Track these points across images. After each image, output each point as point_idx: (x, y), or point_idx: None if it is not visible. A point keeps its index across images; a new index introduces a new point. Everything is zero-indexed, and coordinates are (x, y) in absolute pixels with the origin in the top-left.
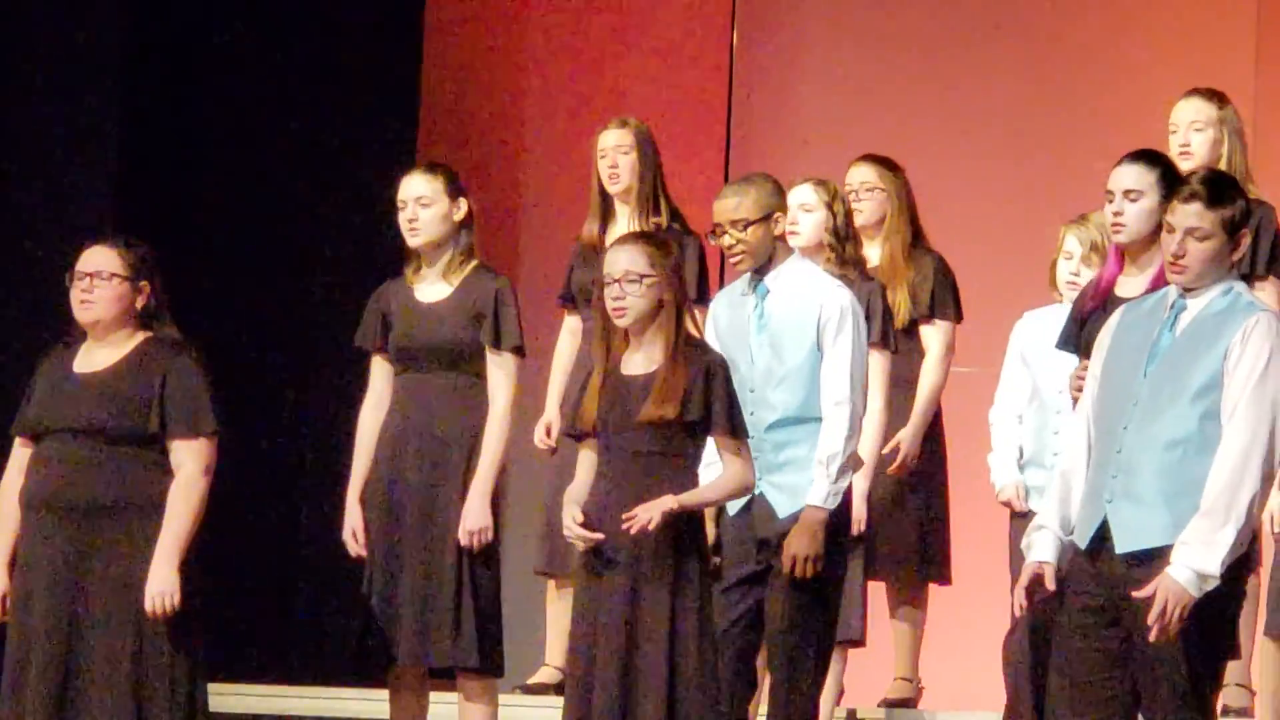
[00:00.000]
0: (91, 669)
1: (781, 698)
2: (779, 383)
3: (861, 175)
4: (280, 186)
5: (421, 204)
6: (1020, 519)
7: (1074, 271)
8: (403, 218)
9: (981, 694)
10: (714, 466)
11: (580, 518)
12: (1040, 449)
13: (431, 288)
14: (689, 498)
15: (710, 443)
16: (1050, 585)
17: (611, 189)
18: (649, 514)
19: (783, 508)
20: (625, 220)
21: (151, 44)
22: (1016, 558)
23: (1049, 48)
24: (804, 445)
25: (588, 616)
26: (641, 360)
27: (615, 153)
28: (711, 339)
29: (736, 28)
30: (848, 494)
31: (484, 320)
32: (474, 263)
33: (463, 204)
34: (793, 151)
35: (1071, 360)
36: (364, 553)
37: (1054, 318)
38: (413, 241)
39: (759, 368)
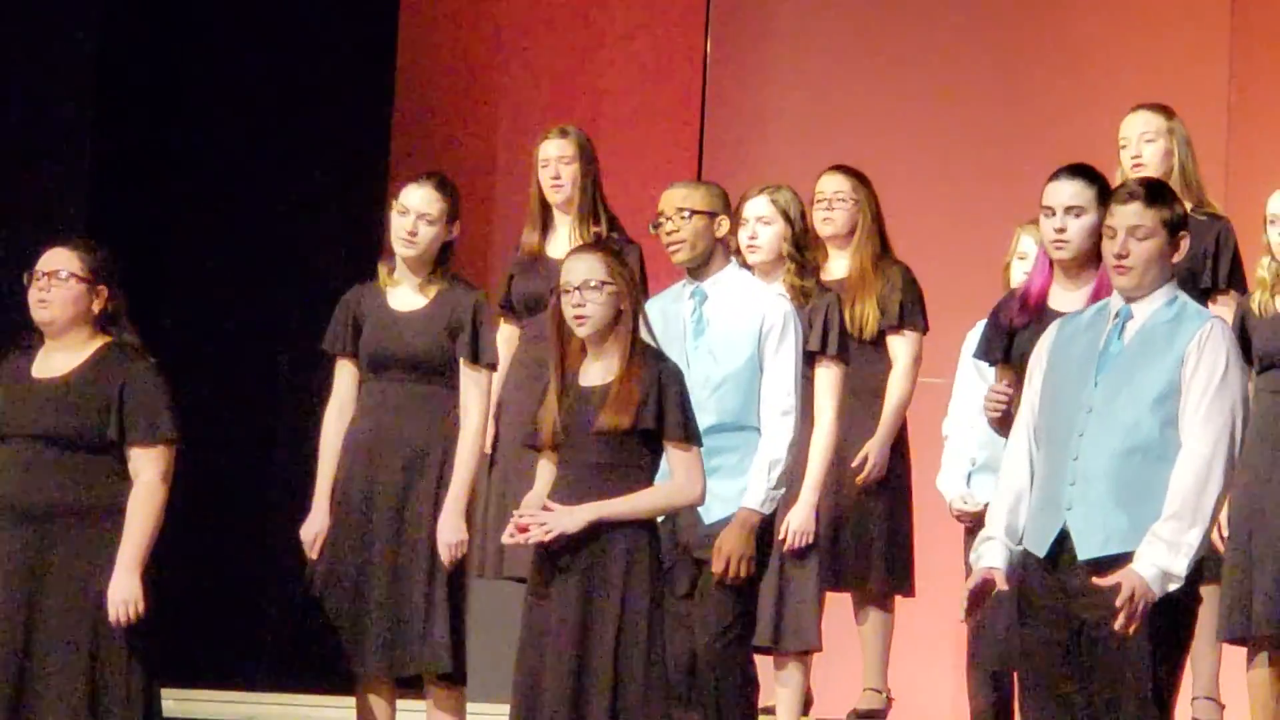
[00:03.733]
0: (47, 674)
1: (713, 700)
2: (715, 389)
3: (834, 185)
4: (253, 193)
5: (425, 220)
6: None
7: (1027, 272)
8: (400, 224)
9: (950, 706)
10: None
11: (523, 517)
12: (995, 455)
13: (406, 296)
14: (605, 507)
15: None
16: (1003, 584)
17: (553, 198)
18: (557, 523)
19: (709, 513)
20: (566, 230)
21: (125, 48)
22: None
23: (1018, 60)
24: (735, 454)
25: (536, 624)
26: (599, 370)
27: (558, 163)
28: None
29: (710, 36)
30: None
31: (460, 334)
32: (450, 275)
33: (457, 227)
34: (765, 159)
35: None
36: (314, 556)
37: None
38: (403, 251)
39: (695, 373)
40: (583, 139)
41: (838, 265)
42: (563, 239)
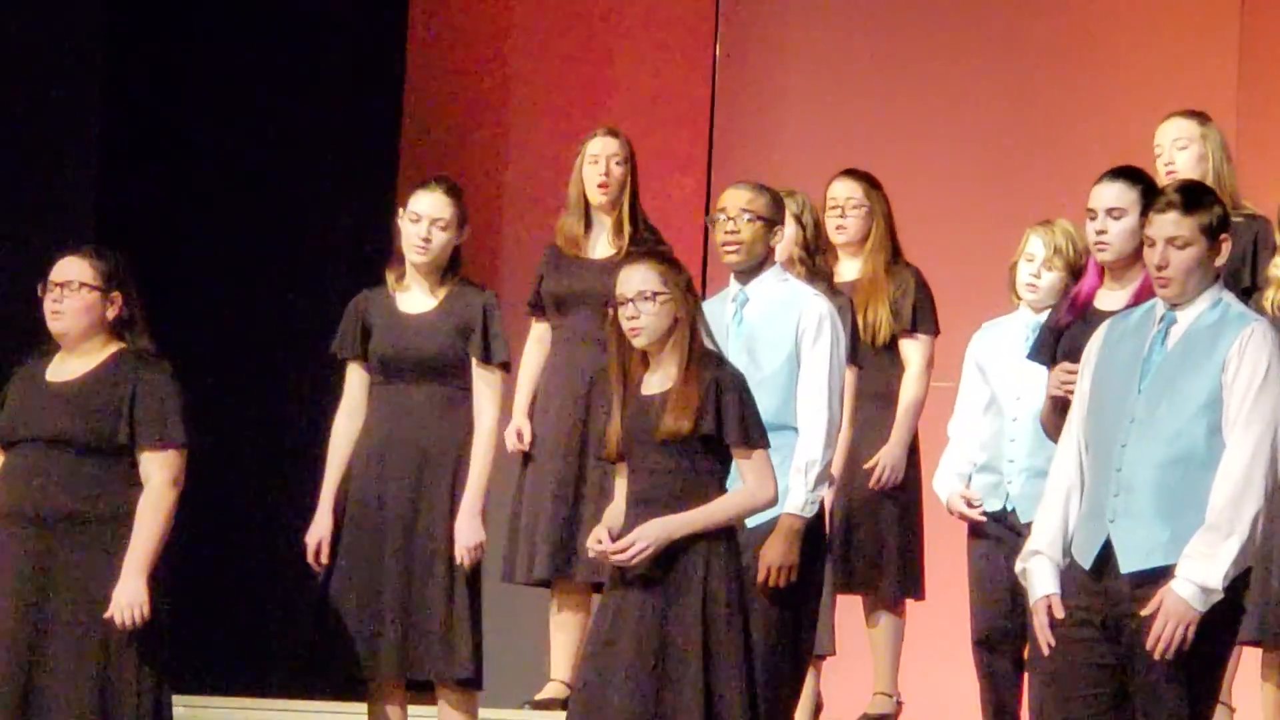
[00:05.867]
0: (56, 679)
1: (761, 703)
2: (755, 389)
3: (847, 191)
4: (260, 195)
5: (439, 226)
6: (979, 540)
7: (1034, 274)
8: (413, 231)
9: (961, 709)
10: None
11: (603, 534)
12: (996, 455)
13: (416, 299)
14: (686, 520)
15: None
16: (1059, 614)
17: (599, 196)
18: (642, 543)
19: (752, 518)
20: (605, 231)
21: (132, 51)
22: (975, 572)
23: (1027, 64)
24: (776, 455)
25: (608, 629)
26: (659, 379)
27: (610, 161)
28: None
29: (719, 39)
30: (821, 504)
31: (471, 334)
32: (458, 276)
33: (465, 232)
34: (775, 163)
35: (1035, 370)
36: (322, 563)
37: (1009, 326)
38: (416, 258)
39: None
40: (629, 144)
41: (849, 268)
42: (602, 240)
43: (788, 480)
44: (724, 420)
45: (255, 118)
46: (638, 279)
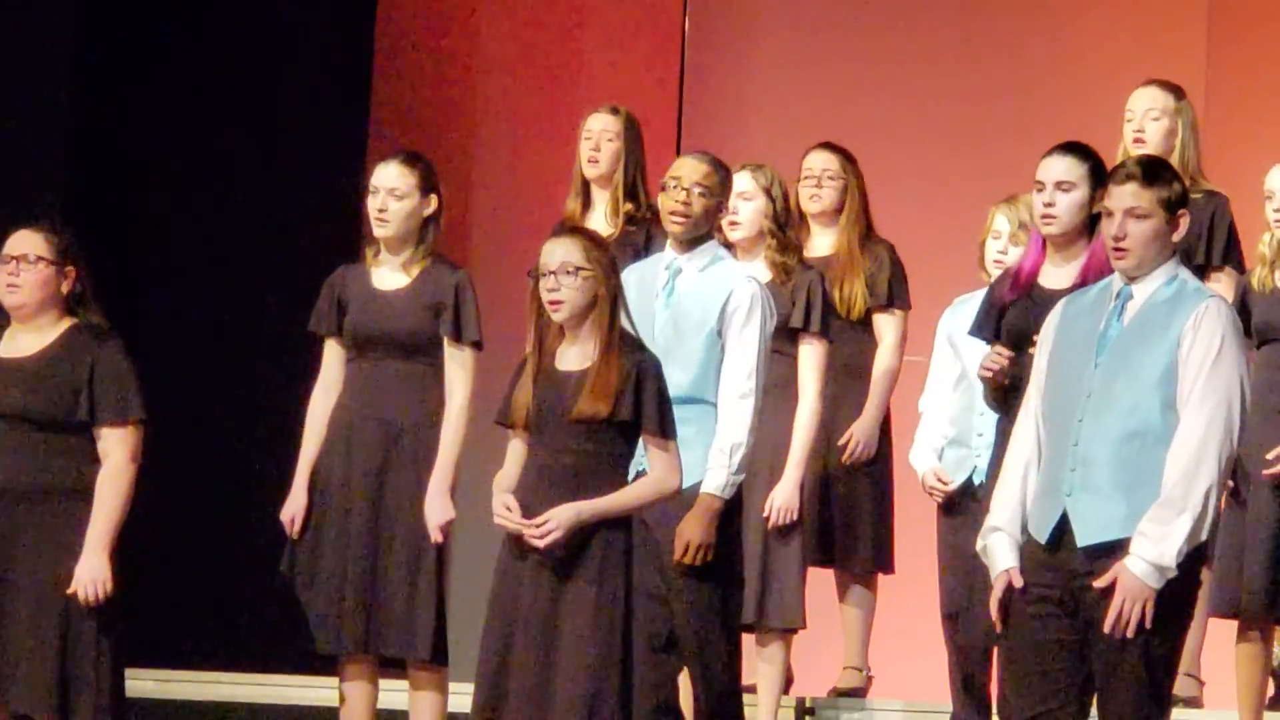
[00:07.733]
0: (17, 655)
1: (699, 681)
2: (675, 361)
3: (823, 163)
4: (231, 175)
5: (394, 195)
6: (949, 514)
7: (1001, 250)
8: (372, 204)
9: (930, 683)
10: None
11: (513, 503)
12: (966, 429)
13: (390, 276)
14: (597, 506)
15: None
16: (1019, 583)
17: (589, 172)
18: (555, 527)
19: None
20: (601, 206)
21: (102, 31)
22: (944, 545)
23: (995, 41)
24: (691, 425)
25: (505, 600)
26: (576, 355)
27: (600, 137)
28: None
29: (688, 13)
30: (740, 486)
31: (443, 312)
32: (433, 254)
33: (433, 200)
34: (744, 140)
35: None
36: (296, 537)
37: (980, 302)
38: (378, 231)
39: (659, 344)
40: (632, 120)
41: (821, 243)
42: (599, 215)
43: (700, 450)
44: (643, 409)
45: (224, 99)
46: (561, 252)
